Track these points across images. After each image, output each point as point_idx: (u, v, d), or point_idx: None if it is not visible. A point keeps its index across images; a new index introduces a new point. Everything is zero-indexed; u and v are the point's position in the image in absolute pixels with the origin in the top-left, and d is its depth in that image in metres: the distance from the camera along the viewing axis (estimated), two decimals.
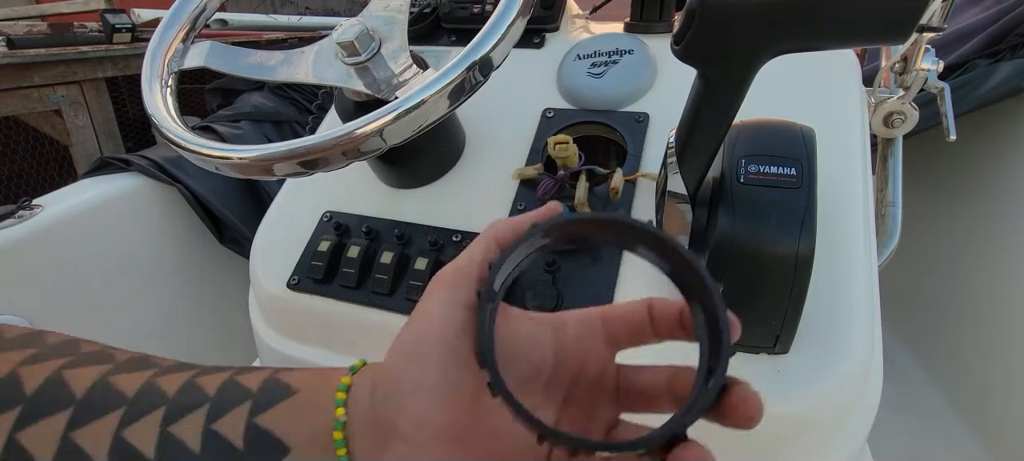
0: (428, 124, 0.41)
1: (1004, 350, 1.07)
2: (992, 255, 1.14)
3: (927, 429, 1.13)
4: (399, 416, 0.21)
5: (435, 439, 0.21)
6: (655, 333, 0.25)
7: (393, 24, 0.49)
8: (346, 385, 0.23)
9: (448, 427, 0.21)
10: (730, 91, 0.33)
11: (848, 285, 0.43)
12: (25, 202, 0.90)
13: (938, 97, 0.82)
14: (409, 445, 0.21)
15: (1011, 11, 1.09)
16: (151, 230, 1.07)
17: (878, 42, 0.29)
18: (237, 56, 0.51)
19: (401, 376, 0.22)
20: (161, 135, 0.46)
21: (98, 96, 1.61)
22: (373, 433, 0.22)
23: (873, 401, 0.46)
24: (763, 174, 0.37)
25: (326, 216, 0.60)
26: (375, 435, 0.22)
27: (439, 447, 0.21)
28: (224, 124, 1.27)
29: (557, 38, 0.69)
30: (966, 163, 1.23)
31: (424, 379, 0.21)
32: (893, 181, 0.82)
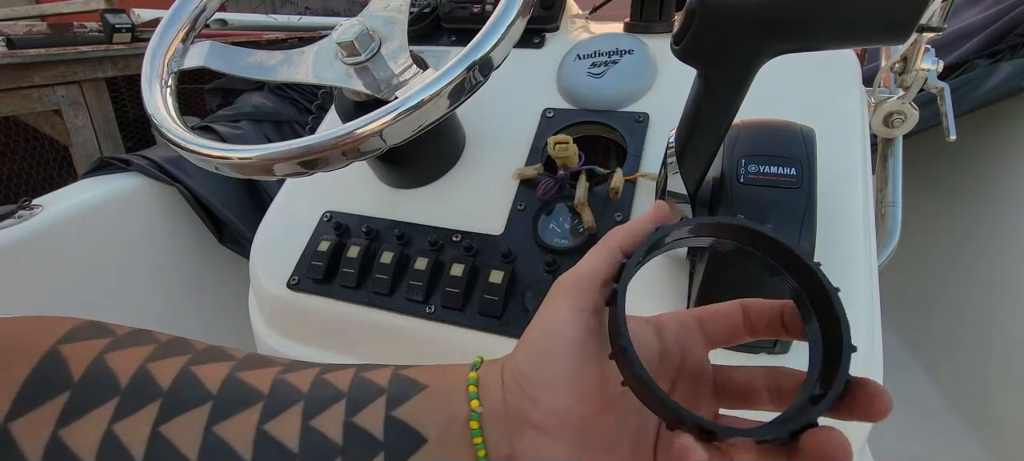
0: (428, 124, 0.41)
1: (1004, 350, 1.07)
2: (992, 255, 1.14)
3: (927, 429, 1.13)
4: (532, 408, 0.24)
5: (565, 427, 0.23)
6: (750, 332, 0.27)
7: (393, 24, 0.49)
8: (475, 379, 0.25)
9: (577, 417, 0.24)
10: (730, 91, 0.33)
11: (848, 285, 0.43)
12: (25, 202, 0.90)
13: (938, 97, 0.82)
14: (540, 433, 0.24)
15: (1011, 11, 1.09)
16: (151, 230, 1.07)
17: (878, 42, 0.29)
18: (237, 56, 0.51)
19: (533, 372, 0.24)
20: (161, 135, 0.46)
21: (98, 96, 1.61)
22: (506, 423, 0.24)
23: None
24: (763, 174, 0.37)
25: (326, 216, 0.60)
26: (507, 424, 0.24)
27: (569, 434, 0.23)
28: (224, 124, 1.27)
29: (557, 38, 0.69)
30: (966, 163, 1.23)
31: (557, 376, 0.24)
32: (893, 181, 0.82)
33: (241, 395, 0.24)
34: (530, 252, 0.52)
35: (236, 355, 0.27)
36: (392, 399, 0.25)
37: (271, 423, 0.24)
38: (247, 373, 0.25)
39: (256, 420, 0.24)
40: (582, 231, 0.52)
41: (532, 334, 0.26)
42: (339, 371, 0.26)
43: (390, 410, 0.25)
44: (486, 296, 0.49)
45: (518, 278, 0.50)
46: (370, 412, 0.24)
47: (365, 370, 0.26)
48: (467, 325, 0.50)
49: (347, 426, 0.24)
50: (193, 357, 0.25)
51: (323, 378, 0.26)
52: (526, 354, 0.25)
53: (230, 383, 0.24)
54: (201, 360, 0.25)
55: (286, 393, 0.25)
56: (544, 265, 0.50)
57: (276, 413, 0.24)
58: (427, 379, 0.26)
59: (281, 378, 0.25)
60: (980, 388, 1.11)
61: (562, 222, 0.53)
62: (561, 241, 0.52)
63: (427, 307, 0.51)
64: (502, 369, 0.26)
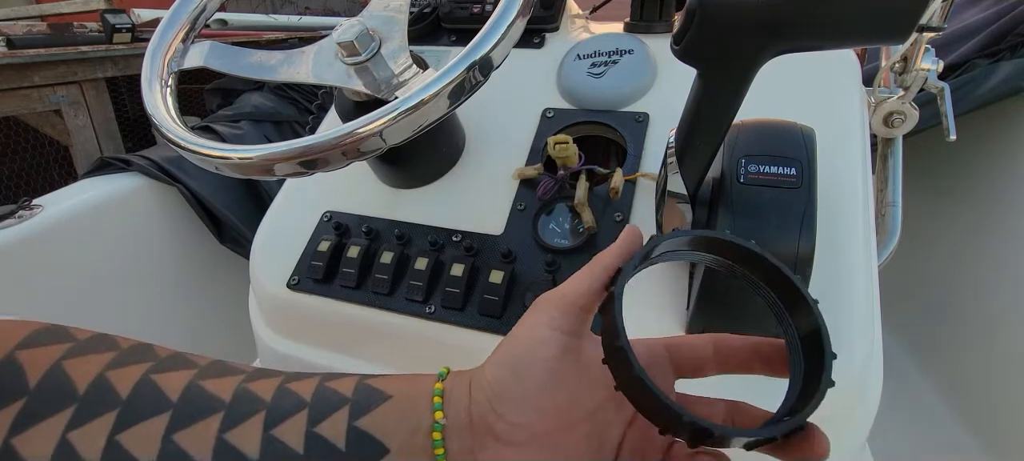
0: (428, 124, 0.41)
1: (1004, 350, 1.07)
2: (992, 255, 1.14)
3: (927, 429, 1.13)
4: (498, 421, 0.24)
5: (529, 441, 0.24)
6: (719, 367, 0.28)
7: (393, 24, 0.49)
8: (441, 390, 0.26)
9: (542, 433, 0.24)
10: (730, 91, 0.33)
11: (848, 285, 0.43)
12: (25, 202, 0.90)
13: (938, 97, 0.82)
14: (504, 445, 0.24)
15: (1011, 11, 1.09)
16: (151, 230, 1.07)
17: (878, 42, 0.29)
18: (237, 56, 0.51)
19: (503, 388, 0.25)
20: (161, 135, 0.46)
21: (98, 96, 1.61)
22: (470, 434, 0.25)
23: (873, 401, 0.46)
24: (763, 174, 0.37)
25: (326, 216, 0.60)
26: (471, 436, 0.25)
27: (533, 449, 0.24)
28: (224, 124, 1.27)
29: (557, 38, 0.69)
30: (966, 163, 1.23)
31: (526, 394, 0.24)
32: (893, 181, 0.82)
33: (202, 404, 0.24)
34: (530, 252, 0.52)
35: (199, 362, 0.26)
36: (355, 409, 0.25)
37: (232, 432, 0.23)
38: (209, 381, 0.25)
39: (216, 429, 0.23)
40: (582, 231, 0.52)
41: (506, 348, 0.26)
42: (303, 381, 0.26)
43: (353, 420, 0.25)
44: (486, 296, 0.49)
45: (518, 278, 0.50)
46: (332, 422, 0.24)
47: (330, 380, 0.26)
48: (467, 325, 0.50)
49: (309, 436, 0.24)
50: (154, 364, 0.25)
51: (286, 387, 0.26)
52: (497, 368, 0.25)
53: (191, 391, 0.24)
54: (163, 368, 0.25)
55: (248, 402, 0.24)
56: (544, 265, 0.50)
57: (237, 422, 0.24)
58: (392, 389, 0.26)
59: (244, 387, 0.25)
60: (980, 388, 1.11)
61: (562, 222, 0.53)
62: (561, 241, 0.52)
63: (427, 307, 0.51)
64: (470, 381, 0.26)
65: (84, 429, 0.22)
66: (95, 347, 0.25)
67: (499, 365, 0.25)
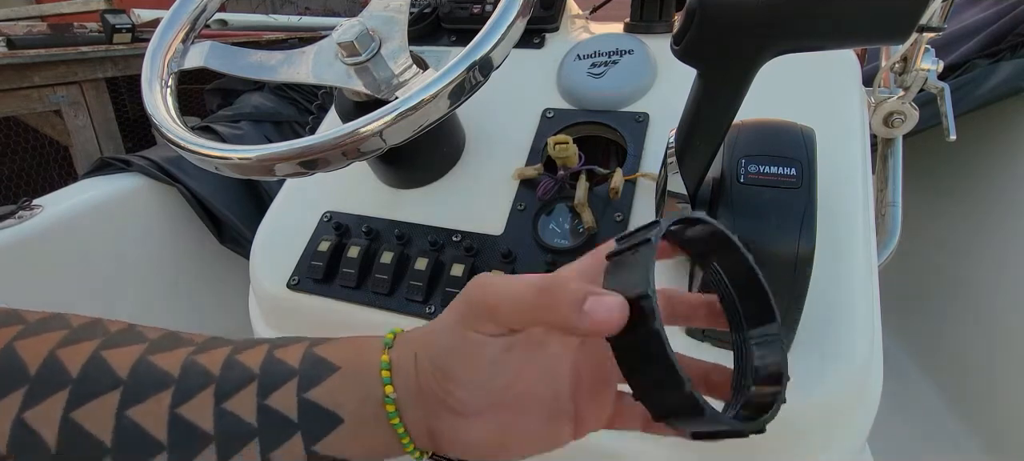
0: (428, 124, 0.41)
1: (1004, 350, 1.07)
2: (992, 255, 1.14)
3: (927, 429, 1.13)
4: (448, 396, 0.24)
5: (482, 411, 0.24)
6: (672, 317, 0.28)
7: (393, 24, 0.49)
8: (388, 363, 0.25)
9: (493, 404, 0.24)
10: (730, 91, 0.33)
11: (848, 285, 0.43)
12: (25, 202, 0.90)
13: (938, 97, 0.82)
14: (457, 416, 0.24)
15: (1011, 11, 1.09)
16: (151, 230, 1.07)
17: (878, 42, 0.29)
18: (237, 56, 0.51)
19: (449, 367, 0.24)
20: (161, 135, 0.46)
21: (98, 96, 1.61)
22: (421, 404, 0.25)
23: (873, 401, 0.46)
24: (763, 174, 0.37)
25: (326, 216, 0.60)
26: (423, 406, 0.25)
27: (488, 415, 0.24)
28: (224, 124, 1.27)
29: (557, 38, 0.69)
30: (966, 163, 1.23)
31: (473, 379, 0.24)
32: (893, 181, 0.82)
33: (152, 379, 0.24)
34: (530, 252, 0.52)
35: (150, 336, 0.27)
36: (304, 381, 0.25)
37: (184, 407, 0.24)
38: (158, 356, 0.25)
39: (168, 404, 0.24)
40: (582, 231, 0.52)
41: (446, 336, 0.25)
42: (251, 350, 0.26)
43: (302, 392, 0.25)
44: None
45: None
46: (282, 394, 0.25)
47: (277, 348, 0.26)
48: None
49: (261, 408, 0.24)
50: (104, 340, 0.26)
51: (234, 359, 0.26)
52: (443, 339, 0.25)
53: (140, 367, 0.25)
54: (113, 344, 0.25)
55: (196, 375, 0.25)
56: (544, 265, 0.50)
57: (188, 397, 0.24)
58: (340, 359, 0.26)
59: (191, 359, 0.25)
60: (980, 388, 1.11)
61: (562, 222, 0.53)
62: (561, 241, 0.52)
63: (427, 307, 0.51)
64: (416, 353, 0.25)
65: (38, 408, 0.23)
66: (46, 327, 0.26)
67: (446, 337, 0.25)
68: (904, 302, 1.32)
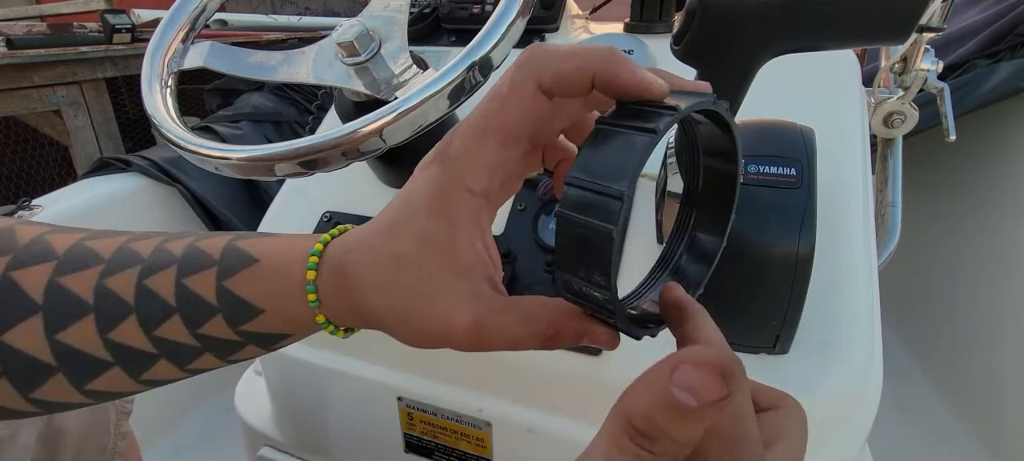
0: (428, 124, 0.41)
1: (1004, 350, 1.07)
2: (992, 255, 1.14)
3: (927, 429, 1.13)
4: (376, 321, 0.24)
5: None
6: None
7: (393, 24, 0.49)
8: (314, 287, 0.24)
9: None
10: (730, 91, 0.33)
11: (848, 285, 0.43)
12: (25, 202, 0.90)
13: (938, 97, 0.82)
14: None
15: (1011, 11, 1.09)
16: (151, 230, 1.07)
17: (878, 42, 0.29)
18: (237, 56, 0.51)
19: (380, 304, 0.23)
20: (161, 135, 0.46)
21: (98, 96, 1.61)
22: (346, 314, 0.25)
23: (873, 401, 0.46)
24: (763, 174, 0.37)
25: (326, 216, 0.60)
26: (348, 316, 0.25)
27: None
28: (224, 124, 1.27)
29: (557, 38, 0.69)
30: (966, 163, 1.23)
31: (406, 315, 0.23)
32: (893, 181, 0.82)
33: (84, 256, 0.26)
34: (530, 252, 0.52)
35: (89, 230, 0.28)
36: (223, 271, 0.25)
37: (109, 279, 0.25)
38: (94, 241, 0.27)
39: (96, 276, 0.25)
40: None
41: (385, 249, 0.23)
42: (179, 240, 0.27)
43: (220, 280, 0.25)
44: None
45: (518, 278, 0.50)
46: (201, 278, 0.25)
47: (200, 240, 0.27)
48: None
49: (178, 286, 0.25)
50: (52, 228, 0.27)
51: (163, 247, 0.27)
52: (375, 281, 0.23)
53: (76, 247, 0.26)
54: (55, 231, 0.27)
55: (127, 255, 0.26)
56: (544, 265, 0.50)
57: (114, 272, 0.25)
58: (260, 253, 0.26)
59: (126, 245, 0.27)
60: (980, 388, 1.11)
61: None
62: None
63: None
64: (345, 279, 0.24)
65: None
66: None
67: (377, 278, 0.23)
68: (904, 302, 1.32)
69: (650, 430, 0.14)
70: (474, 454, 0.54)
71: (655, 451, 0.14)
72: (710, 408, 0.14)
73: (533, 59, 0.20)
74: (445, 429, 0.54)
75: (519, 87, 0.20)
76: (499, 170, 0.22)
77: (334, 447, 0.62)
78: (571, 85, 0.20)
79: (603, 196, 0.17)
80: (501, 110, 0.21)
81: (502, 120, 0.21)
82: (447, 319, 0.22)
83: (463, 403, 0.51)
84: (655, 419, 0.14)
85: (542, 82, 0.20)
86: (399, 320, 0.23)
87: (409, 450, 0.57)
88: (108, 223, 0.98)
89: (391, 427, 0.56)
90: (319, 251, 0.24)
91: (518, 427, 0.50)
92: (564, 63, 0.20)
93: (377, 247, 0.23)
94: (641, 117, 0.18)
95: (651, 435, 0.14)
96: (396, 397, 0.54)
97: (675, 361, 0.14)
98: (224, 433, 1.10)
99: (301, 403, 0.61)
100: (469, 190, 0.21)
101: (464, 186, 0.22)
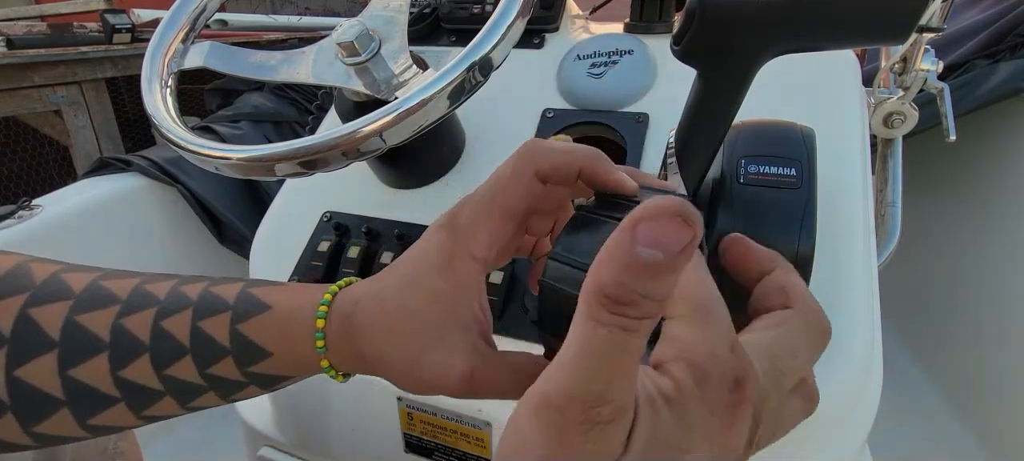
0: (428, 124, 0.41)
1: (1004, 350, 1.07)
2: (992, 255, 1.14)
3: (927, 429, 1.13)
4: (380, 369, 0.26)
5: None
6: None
7: (393, 24, 0.49)
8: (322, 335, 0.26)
9: None
10: (730, 91, 0.33)
11: (848, 285, 0.43)
12: (25, 202, 0.90)
13: (938, 97, 0.82)
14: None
15: (1011, 11, 1.09)
16: (151, 230, 1.07)
17: (878, 42, 0.29)
18: (237, 56, 0.51)
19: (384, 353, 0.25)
20: (161, 135, 0.46)
21: (98, 96, 1.61)
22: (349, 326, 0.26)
23: (873, 401, 0.46)
24: (763, 174, 0.37)
25: (326, 216, 0.60)
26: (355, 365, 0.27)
27: None
28: (224, 124, 1.27)
29: (557, 38, 0.69)
30: (966, 163, 1.23)
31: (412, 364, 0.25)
32: (893, 181, 0.82)
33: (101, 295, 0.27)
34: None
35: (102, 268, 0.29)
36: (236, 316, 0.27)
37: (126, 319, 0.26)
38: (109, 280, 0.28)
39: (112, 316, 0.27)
40: None
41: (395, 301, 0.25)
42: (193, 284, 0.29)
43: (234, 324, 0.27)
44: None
45: (518, 278, 0.50)
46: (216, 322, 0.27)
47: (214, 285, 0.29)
48: None
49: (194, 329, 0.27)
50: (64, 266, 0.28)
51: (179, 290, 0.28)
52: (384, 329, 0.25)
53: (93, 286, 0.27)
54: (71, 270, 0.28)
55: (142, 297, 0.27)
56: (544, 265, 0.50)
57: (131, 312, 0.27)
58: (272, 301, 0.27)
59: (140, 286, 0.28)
60: (980, 388, 1.11)
61: None
62: None
63: None
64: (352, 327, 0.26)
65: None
66: None
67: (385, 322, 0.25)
68: (904, 302, 1.32)
69: (626, 295, 0.14)
70: (474, 454, 0.54)
71: (635, 313, 0.14)
72: (680, 256, 0.14)
73: (533, 151, 0.25)
74: (445, 429, 0.54)
75: (520, 173, 0.25)
76: (498, 242, 0.25)
77: (334, 447, 0.62)
78: (563, 175, 0.25)
79: (579, 270, 0.20)
80: (504, 191, 0.25)
81: (505, 199, 0.25)
82: (445, 367, 0.24)
83: (463, 403, 0.51)
84: (628, 284, 0.14)
85: (539, 170, 0.25)
86: (403, 363, 0.25)
87: (409, 450, 0.57)
88: (108, 223, 0.98)
89: (391, 427, 0.56)
90: (329, 301, 0.27)
91: None
92: (559, 157, 0.25)
93: (388, 300, 0.26)
94: (613, 208, 0.22)
95: (628, 300, 0.14)
96: (396, 397, 0.54)
97: (633, 220, 0.14)
98: (224, 433, 1.10)
99: (301, 403, 0.61)
100: (472, 256, 0.25)
101: (469, 253, 0.25)
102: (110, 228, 0.99)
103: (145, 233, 1.06)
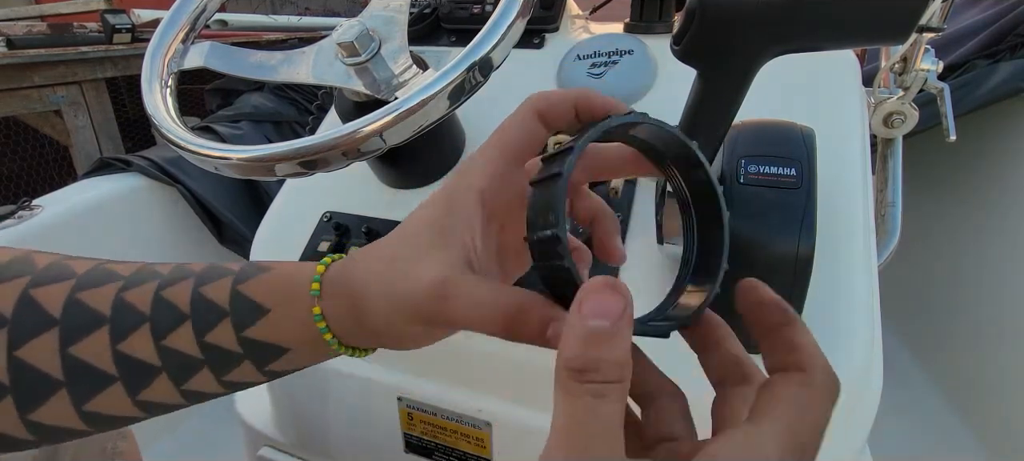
0: (428, 124, 0.41)
1: (1004, 350, 1.07)
2: (992, 255, 1.14)
3: (927, 429, 1.13)
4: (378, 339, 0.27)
5: None
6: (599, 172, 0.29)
7: (393, 24, 0.49)
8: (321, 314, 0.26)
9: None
10: (730, 91, 0.33)
11: (848, 285, 0.43)
12: (25, 202, 0.90)
13: (938, 97, 0.82)
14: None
15: (1011, 11, 1.09)
16: (151, 230, 1.07)
17: (878, 42, 0.29)
18: (237, 56, 0.51)
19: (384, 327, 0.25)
20: (161, 135, 0.46)
21: (98, 96, 1.61)
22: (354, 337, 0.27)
23: (873, 401, 0.46)
24: (763, 174, 0.37)
25: (326, 216, 0.60)
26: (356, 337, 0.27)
27: None
28: (224, 124, 1.27)
29: (557, 38, 0.69)
30: (966, 163, 1.23)
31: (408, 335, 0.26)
32: (893, 181, 0.82)
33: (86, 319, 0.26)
34: None
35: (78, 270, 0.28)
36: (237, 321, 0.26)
37: (124, 344, 0.26)
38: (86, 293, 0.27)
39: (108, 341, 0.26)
40: (581, 231, 0.52)
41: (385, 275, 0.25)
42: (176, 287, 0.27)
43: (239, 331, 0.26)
44: None
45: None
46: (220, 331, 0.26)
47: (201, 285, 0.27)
48: None
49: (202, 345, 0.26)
50: (32, 279, 0.27)
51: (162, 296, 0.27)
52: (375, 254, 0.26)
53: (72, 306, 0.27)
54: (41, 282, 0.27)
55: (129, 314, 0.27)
56: None
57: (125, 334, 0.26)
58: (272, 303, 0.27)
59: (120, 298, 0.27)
60: (980, 388, 1.11)
61: None
62: None
63: None
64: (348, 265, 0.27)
65: None
66: None
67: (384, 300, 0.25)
68: (904, 302, 1.32)
69: (588, 364, 0.17)
70: (474, 454, 0.54)
71: (599, 378, 0.17)
72: (620, 321, 0.17)
73: (533, 96, 0.27)
74: (445, 429, 0.54)
75: (521, 112, 0.27)
76: (495, 170, 0.26)
77: (334, 447, 0.62)
78: (559, 111, 0.26)
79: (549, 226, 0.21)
80: (503, 129, 0.27)
81: (504, 136, 0.26)
82: (419, 276, 0.23)
83: (463, 403, 0.51)
84: (586, 354, 0.17)
85: (538, 108, 0.26)
86: (384, 283, 0.25)
87: (409, 450, 0.57)
88: (108, 223, 0.98)
89: (391, 427, 0.56)
90: (328, 263, 0.28)
91: (518, 427, 0.50)
92: (555, 94, 0.26)
93: (387, 236, 0.27)
94: (551, 163, 0.23)
95: (591, 367, 0.17)
96: (396, 397, 0.54)
97: (578, 302, 0.18)
98: (224, 433, 1.10)
99: (301, 403, 0.61)
100: (470, 186, 0.25)
101: (467, 184, 0.25)
102: (110, 228, 0.99)
103: (145, 233, 1.06)
